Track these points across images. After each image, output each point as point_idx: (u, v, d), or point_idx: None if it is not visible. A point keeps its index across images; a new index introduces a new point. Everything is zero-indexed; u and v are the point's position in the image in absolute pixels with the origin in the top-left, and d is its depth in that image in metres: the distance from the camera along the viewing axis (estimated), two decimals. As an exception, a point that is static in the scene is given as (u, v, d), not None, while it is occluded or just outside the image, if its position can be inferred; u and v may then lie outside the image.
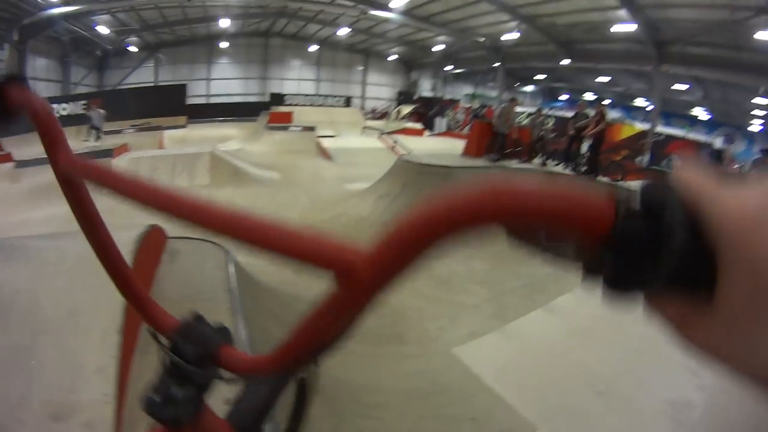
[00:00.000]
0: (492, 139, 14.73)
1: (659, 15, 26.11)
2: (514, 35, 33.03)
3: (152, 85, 42.13)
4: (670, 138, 35.51)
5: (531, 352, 6.33)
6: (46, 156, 0.94)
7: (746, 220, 0.30)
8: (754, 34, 22.86)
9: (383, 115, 44.25)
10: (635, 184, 12.60)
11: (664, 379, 4.80)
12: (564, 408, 5.08)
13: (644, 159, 29.51)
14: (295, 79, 49.64)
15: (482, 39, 36.92)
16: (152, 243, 4.33)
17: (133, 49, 40.74)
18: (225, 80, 47.43)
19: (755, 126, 44.69)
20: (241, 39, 45.01)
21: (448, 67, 49.11)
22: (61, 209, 2.02)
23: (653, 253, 0.34)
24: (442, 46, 43.39)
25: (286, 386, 1.57)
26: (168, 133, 25.42)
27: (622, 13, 25.77)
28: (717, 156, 33.91)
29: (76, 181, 0.94)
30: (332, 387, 4.93)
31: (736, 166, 12.86)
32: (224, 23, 37.48)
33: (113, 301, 3.09)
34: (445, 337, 6.59)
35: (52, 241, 4.37)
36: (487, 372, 5.83)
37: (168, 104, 32.83)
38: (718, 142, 44.19)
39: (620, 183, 14.54)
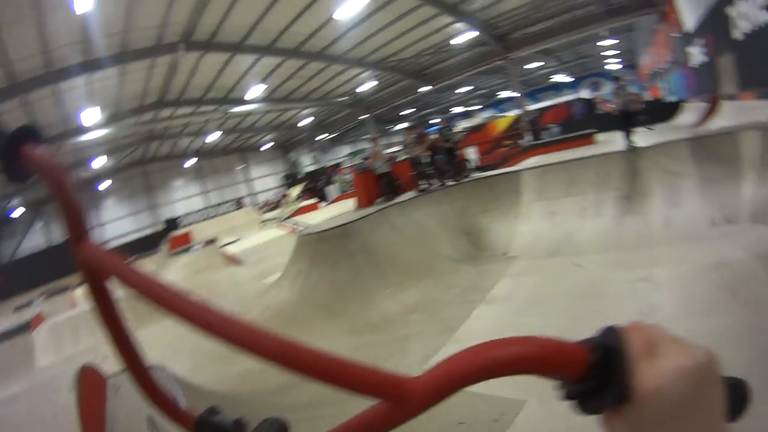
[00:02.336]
0: (379, 182, 15.27)
1: (491, 13, 27.44)
2: (371, 84, 33.98)
3: (46, 246, 39.74)
4: (543, 110, 37.90)
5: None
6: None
7: (646, 392, 0.52)
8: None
9: (277, 204, 44.07)
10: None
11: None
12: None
13: (527, 138, 30.58)
14: (184, 198, 48.59)
15: (343, 98, 37.64)
16: (91, 386, 4.03)
17: (16, 213, 38.52)
18: (116, 221, 44.95)
19: (612, 65, 48.59)
20: (120, 174, 43.37)
21: (321, 136, 49.86)
22: None
23: (606, 388, 0.56)
24: (310, 118, 43.94)
25: None
26: (80, 291, 24.61)
27: (459, 25, 26.96)
28: (589, 104, 36.45)
29: (99, 275, 0.86)
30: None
31: (610, 105, 14.07)
32: (99, 163, 35.83)
33: None
34: (402, 370, 6.70)
35: None
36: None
37: (68, 261, 30.12)
38: (585, 93, 47.22)
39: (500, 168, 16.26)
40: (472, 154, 26.10)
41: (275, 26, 22.40)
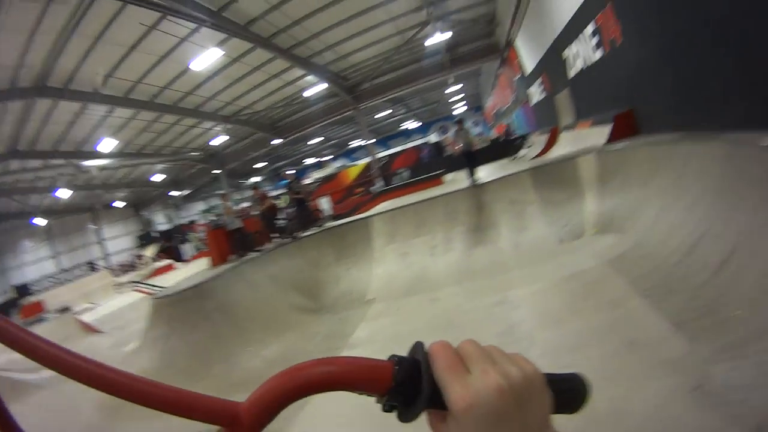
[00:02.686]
0: (232, 238, 14.74)
1: (342, 65, 28.02)
2: (223, 138, 33.16)
3: None
4: (394, 156, 38.66)
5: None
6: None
7: (460, 409, 0.55)
8: (426, 42, 25.23)
9: (132, 266, 41.60)
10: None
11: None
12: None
13: (379, 184, 31.10)
14: (34, 261, 42.81)
15: (196, 153, 36.54)
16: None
17: None
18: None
19: (459, 109, 51.07)
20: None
21: (175, 192, 48.07)
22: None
23: (415, 399, 0.61)
24: (162, 175, 42.37)
25: None
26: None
27: (310, 78, 27.06)
28: (437, 147, 38.15)
29: None
30: None
31: (458, 146, 14.61)
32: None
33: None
34: (276, 426, 6.59)
35: None
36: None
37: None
38: (434, 137, 49.24)
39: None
40: (325, 203, 26.33)
41: (131, 76, 21.66)
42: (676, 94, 9.31)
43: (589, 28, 13.22)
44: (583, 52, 14.33)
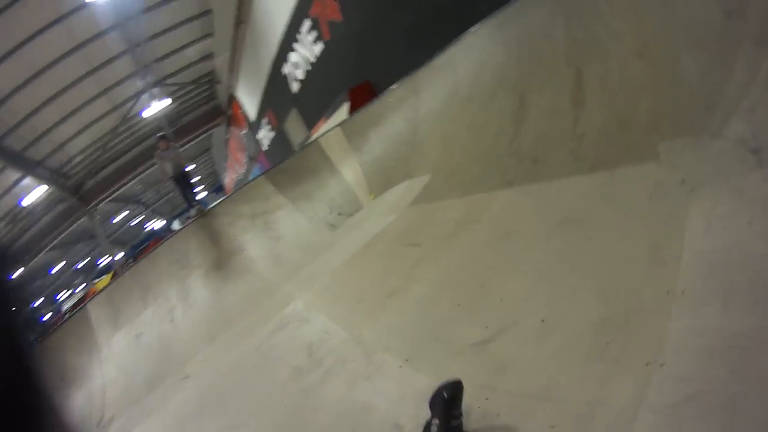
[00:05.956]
0: None
1: (61, 159, 23.93)
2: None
3: None
4: (139, 252, 34.42)
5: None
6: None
7: None
8: (144, 112, 23.06)
9: None
10: None
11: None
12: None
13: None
14: None
15: None
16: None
17: None
18: None
19: (200, 195, 48.09)
20: None
21: None
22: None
23: None
24: None
25: None
26: None
27: (27, 181, 22.30)
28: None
29: None
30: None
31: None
32: None
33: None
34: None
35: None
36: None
37: None
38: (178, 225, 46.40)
39: None
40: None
41: None
42: (410, 50, 9.46)
43: (306, 25, 13.04)
44: (303, 55, 14.03)
